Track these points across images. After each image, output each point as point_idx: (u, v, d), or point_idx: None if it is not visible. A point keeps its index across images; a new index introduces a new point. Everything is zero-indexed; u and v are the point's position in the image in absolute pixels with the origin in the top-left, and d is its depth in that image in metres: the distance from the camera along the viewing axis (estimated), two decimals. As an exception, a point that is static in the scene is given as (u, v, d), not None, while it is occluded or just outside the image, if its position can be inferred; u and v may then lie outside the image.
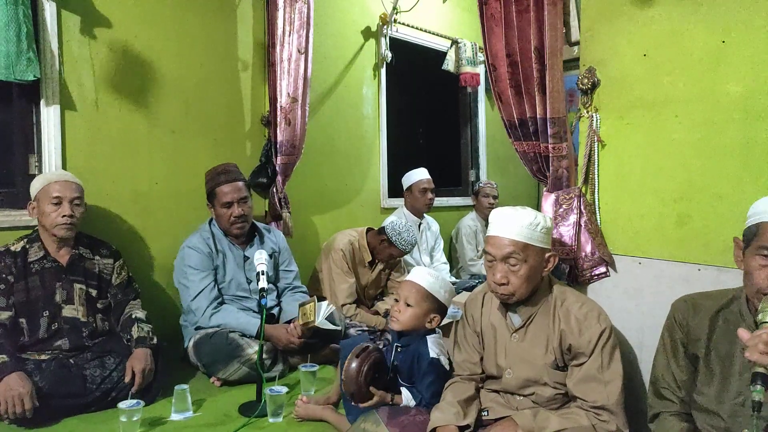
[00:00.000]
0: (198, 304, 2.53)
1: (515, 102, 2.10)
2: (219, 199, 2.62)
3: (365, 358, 1.80)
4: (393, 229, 3.07)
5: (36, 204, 2.23)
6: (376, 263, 3.26)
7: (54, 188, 2.20)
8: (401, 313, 1.88)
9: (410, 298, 1.87)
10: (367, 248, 3.20)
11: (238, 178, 2.68)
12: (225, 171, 2.68)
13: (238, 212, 2.61)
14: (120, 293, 2.39)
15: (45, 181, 2.23)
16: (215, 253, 2.64)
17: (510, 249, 1.63)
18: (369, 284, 3.28)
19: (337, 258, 3.11)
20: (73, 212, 2.20)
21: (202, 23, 3.04)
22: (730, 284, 1.58)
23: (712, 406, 1.42)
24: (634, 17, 1.90)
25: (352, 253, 3.16)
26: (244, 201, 2.64)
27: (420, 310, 1.87)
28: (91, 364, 2.14)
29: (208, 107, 3.08)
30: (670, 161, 1.83)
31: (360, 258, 3.21)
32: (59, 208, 2.18)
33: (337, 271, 3.11)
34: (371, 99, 3.96)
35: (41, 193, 2.21)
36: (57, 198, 2.19)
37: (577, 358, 1.63)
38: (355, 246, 3.20)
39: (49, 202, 2.18)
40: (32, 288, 2.18)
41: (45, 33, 2.45)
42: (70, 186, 2.24)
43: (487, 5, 2.12)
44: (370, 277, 3.27)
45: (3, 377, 1.90)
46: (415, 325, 1.88)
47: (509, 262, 1.63)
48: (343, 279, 3.09)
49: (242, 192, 2.64)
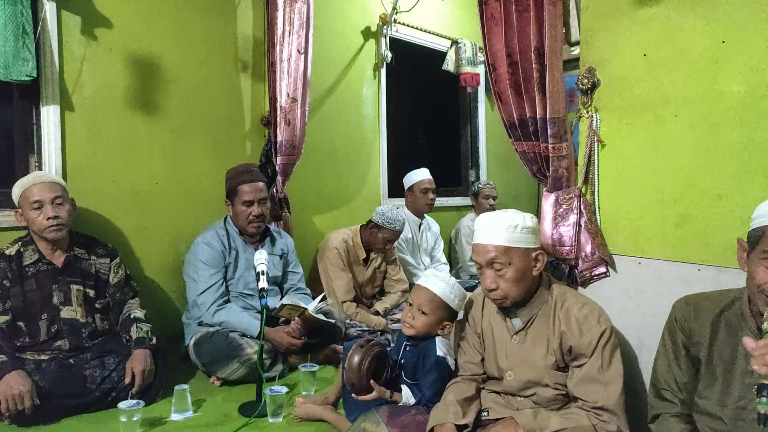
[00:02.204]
0: (204, 299, 2.56)
1: (515, 102, 2.10)
2: (240, 197, 2.66)
3: (368, 350, 1.82)
4: (378, 213, 3.14)
5: (21, 211, 2.19)
6: (371, 260, 3.29)
7: (32, 193, 2.15)
8: (415, 319, 1.87)
9: (424, 306, 1.86)
10: (361, 245, 3.25)
11: (261, 179, 2.75)
12: (248, 171, 2.73)
13: (258, 211, 2.66)
14: (118, 292, 2.39)
15: (22, 187, 2.18)
16: (228, 251, 2.67)
17: (492, 254, 1.63)
18: (365, 282, 3.30)
19: (331, 256, 3.15)
20: (57, 213, 2.15)
21: (202, 23, 3.04)
22: (730, 284, 1.58)
23: (714, 410, 1.41)
24: (634, 17, 1.90)
25: (346, 251, 3.20)
26: (263, 201, 2.69)
27: (434, 318, 1.87)
28: (91, 364, 2.14)
29: (208, 107, 3.08)
30: (670, 161, 1.83)
31: (355, 255, 3.25)
32: (41, 212, 2.14)
33: (332, 269, 3.14)
34: (371, 99, 3.96)
35: (21, 200, 2.17)
36: (36, 202, 2.14)
37: (578, 359, 1.63)
38: (349, 244, 3.24)
39: (31, 208, 2.14)
40: (29, 291, 2.16)
41: (45, 33, 2.45)
42: (47, 187, 2.18)
43: (487, 5, 2.12)
44: (366, 275, 3.29)
45: (3, 376, 1.90)
46: (428, 332, 1.88)
47: (494, 267, 1.64)
48: (339, 276, 3.13)
49: (263, 192, 2.70)
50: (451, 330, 1.91)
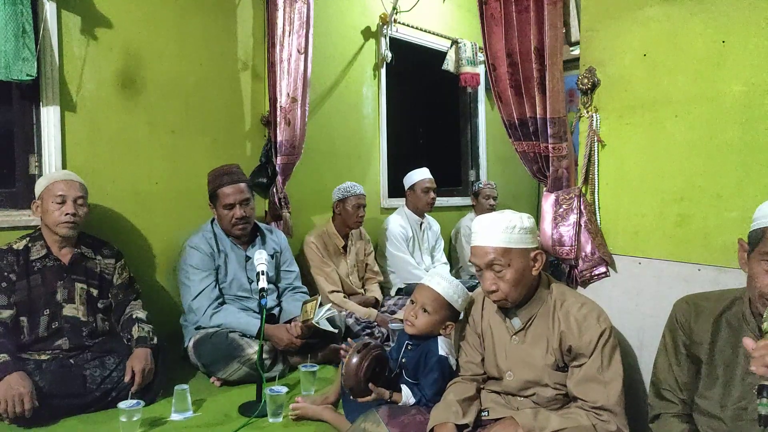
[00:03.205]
0: (199, 303, 2.54)
1: (515, 102, 2.10)
2: (221, 201, 2.63)
3: (366, 354, 1.82)
4: (334, 193, 3.31)
5: (40, 202, 2.24)
6: (349, 247, 3.37)
7: (58, 187, 2.22)
8: (417, 318, 1.87)
9: (428, 305, 1.86)
10: (336, 233, 3.33)
11: (241, 179, 2.69)
12: (227, 172, 2.68)
13: (240, 214, 2.62)
14: (121, 293, 2.39)
15: (50, 179, 2.26)
16: (217, 253, 2.64)
17: (491, 256, 1.64)
18: (350, 271, 3.35)
19: (309, 252, 3.23)
20: (76, 211, 2.22)
21: (202, 23, 3.04)
22: (729, 284, 1.58)
23: (715, 410, 1.41)
24: (634, 17, 1.90)
25: (324, 244, 3.29)
26: (246, 203, 2.64)
27: (437, 317, 1.87)
28: (91, 364, 2.14)
29: (208, 107, 3.08)
30: (670, 161, 1.83)
31: (333, 246, 3.32)
32: (63, 207, 2.20)
33: (314, 261, 3.21)
34: (371, 99, 3.96)
35: (45, 191, 2.23)
36: (61, 196, 2.20)
37: (578, 359, 1.63)
38: (325, 236, 3.32)
39: (53, 201, 2.20)
40: (34, 286, 2.18)
41: (45, 33, 2.45)
42: (74, 185, 2.26)
43: (487, 5, 2.12)
44: (348, 263, 3.35)
45: (4, 377, 1.91)
46: (431, 331, 1.88)
47: (494, 268, 1.64)
48: (320, 269, 3.21)
49: (244, 194, 2.65)
50: (453, 329, 1.92)
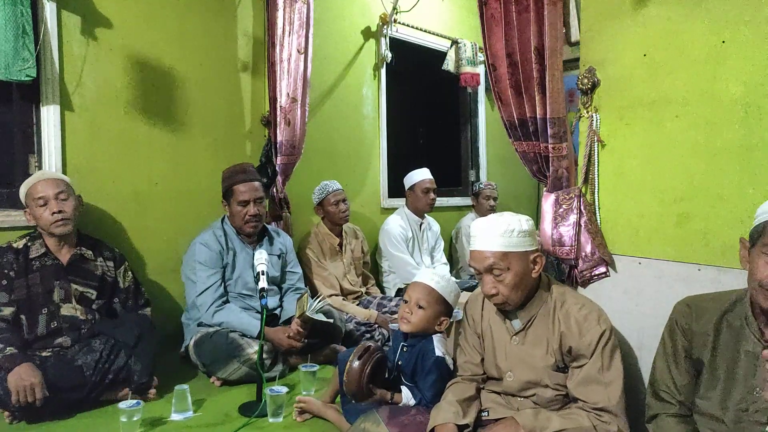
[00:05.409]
0: (203, 300, 2.56)
1: (515, 102, 2.10)
2: (236, 197, 2.66)
3: (367, 359, 1.82)
4: (313, 197, 3.31)
5: (28, 210, 2.25)
6: (345, 246, 3.38)
7: (36, 190, 2.22)
8: (413, 314, 1.88)
9: (422, 300, 1.87)
10: (329, 233, 3.34)
11: (256, 178, 2.76)
12: (243, 170, 2.74)
13: (254, 211, 2.66)
14: (130, 299, 2.41)
15: (27, 186, 2.26)
16: (226, 251, 2.67)
17: (490, 261, 1.63)
18: (347, 270, 3.35)
19: (305, 256, 3.23)
20: (61, 207, 2.21)
21: (202, 23, 3.04)
22: (729, 284, 1.58)
23: (716, 411, 1.41)
24: (634, 17, 1.90)
25: (318, 245, 3.29)
26: (260, 201, 2.70)
27: (432, 312, 1.87)
28: (80, 354, 2.13)
29: (208, 107, 3.08)
30: (670, 161, 1.83)
31: (328, 246, 3.33)
32: (46, 208, 2.20)
33: (311, 265, 3.21)
34: (371, 99, 3.95)
35: (27, 198, 2.24)
36: (42, 198, 2.20)
37: (578, 359, 1.63)
38: (319, 237, 3.33)
39: (36, 205, 2.20)
40: (32, 285, 2.19)
41: (45, 33, 2.45)
42: (50, 183, 2.24)
43: (487, 5, 2.12)
44: (345, 262, 3.36)
45: (13, 368, 1.93)
46: (426, 327, 1.89)
47: (493, 273, 1.64)
48: (318, 274, 3.21)
49: (259, 192, 2.70)
50: (448, 325, 1.91)
